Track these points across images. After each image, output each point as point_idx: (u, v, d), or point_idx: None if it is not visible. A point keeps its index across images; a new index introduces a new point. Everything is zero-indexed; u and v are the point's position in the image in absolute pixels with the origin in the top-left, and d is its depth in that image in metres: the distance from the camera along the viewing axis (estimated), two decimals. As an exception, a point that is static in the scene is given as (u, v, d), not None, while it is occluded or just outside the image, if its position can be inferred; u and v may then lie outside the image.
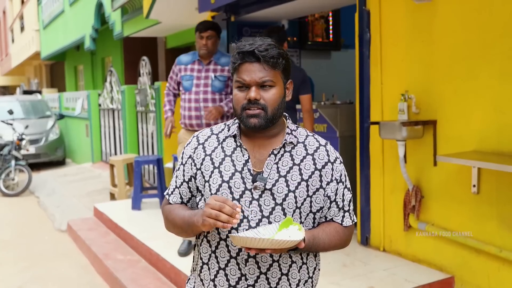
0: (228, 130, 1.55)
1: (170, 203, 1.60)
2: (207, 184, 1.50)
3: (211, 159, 1.52)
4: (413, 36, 3.56)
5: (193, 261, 1.62)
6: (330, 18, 6.52)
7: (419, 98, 3.52)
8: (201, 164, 1.53)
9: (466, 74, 3.21)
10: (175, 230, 1.57)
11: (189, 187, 1.56)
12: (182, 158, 1.58)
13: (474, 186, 3.16)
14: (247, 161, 1.49)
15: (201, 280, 1.55)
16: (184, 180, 1.57)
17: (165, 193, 1.62)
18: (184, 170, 1.56)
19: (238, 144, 1.51)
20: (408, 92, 3.57)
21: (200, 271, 1.55)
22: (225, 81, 3.90)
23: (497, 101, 3.04)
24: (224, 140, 1.54)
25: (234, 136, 1.53)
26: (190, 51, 4.15)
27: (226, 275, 1.48)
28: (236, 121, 1.56)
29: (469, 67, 3.19)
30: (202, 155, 1.53)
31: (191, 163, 1.55)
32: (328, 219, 1.54)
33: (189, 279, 1.63)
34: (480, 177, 3.14)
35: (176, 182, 1.59)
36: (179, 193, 1.58)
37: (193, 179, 1.55)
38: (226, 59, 3.92)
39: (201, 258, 1.54)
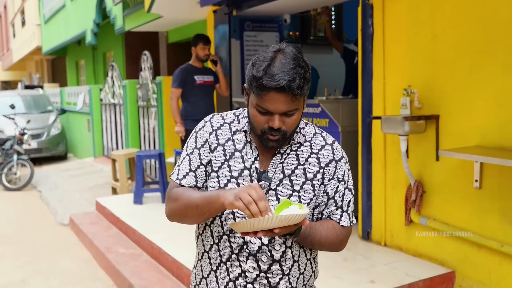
0: (238, 123, 1.52)
1: (183, 186, 1.50)
2: (214, 173, 1.48)
3: (224, 150, 1.49)
4: (416, 31, 3.55)
5: (197, 249, 1.59)
6: (333, 13, 6.50)
7: (421, 93, 3.52)
8: (213, 152, 1.49)
9: (469, 69, 3.21)
10: (187, 211, 1.44)
11: (206, 171, 1.49)
12: (195, 142, 1.51)
13: (476, 181, 3.16)
14: (256, 158, 1.47)
15: (201, 266, 1.54)
16: (201, 163, 1.49)
17: (172, 177, 1.51)
18: (200, 154, 1.50)
19: (249, 140, 1.49)
20: (411, 87, 3.56)
21: (201, 258, 1.55)
22: None
23: (500, 96, 3.04)
24: (235, 132, 1.51)
25: (245, 131, 1.50)
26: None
27: (227, 269, 1.48)
28: (246, 112, 1.53)
29: (472, 62, 3.18)
30: (215, 143, 1.50)
31: (208, 148, 1.50)
32: (325, 216, 1.51)
33: (195, 267, 1.61)
34: (482, 172, 3.14)
35: (190, 165, 1.49)
36: (195, 176, 1.49)
37: (209, 164, 1.49)
38: None
39: (203, 246, 1.53)
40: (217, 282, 1.50)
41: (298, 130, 1.50)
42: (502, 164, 2.80)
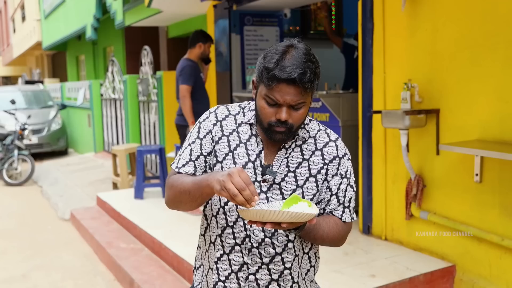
0: (244, 115, 1.53)
1: (181, 173, 1.51)
2: (219, 164, 1.49)
3: (228, 141, 1.50)
4: (416, 25, 3.54)
5: (204, 241, 1.59)
6: (333, 7, 6.48)
7: (422, 87, 3.51)
8: (217, 142, 1.50)
9: (469, 63, 3.20)
10: (182, 197, 1.45)
11: (205, 161, 1.51)
12: (198, 132, 1.53)
13: (476, 175, 3.16)
14: (260, 152, 1.48)
15: (208, 257, 1.55)
16: (201, 154, 1.51)
17: (172, 166, 1.53)
18: (201, 144, 1.51)
19: (254, 132, 1.50)
20: (411, 81, 3.56)
21: (208, 249, 1.56)
22: None
23: (501, 90, 3.03)
24: (240, 124, 1.52)
25: (250, 124, 1.51)
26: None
27: (229, 260, 1.50)
28: (251, 105, 1.54)
29: (473, 55, 3.17)
30: (219, 134, 1.51)
31: (211, 138, 1.51)
32: (326, 211, 1.52)
33: (199, 259, 1.62)
34: (482, 166, 3.14)
35: (191, 155, 1.51)
36: (195, 165, 1.50)
37: (211, 154, 1.51)
38: None
39: (210, 236, 1.54)
40: (218, 274, 1.51)
41: (302, 126, 1.51)
42: (503, 158, 2.80)
